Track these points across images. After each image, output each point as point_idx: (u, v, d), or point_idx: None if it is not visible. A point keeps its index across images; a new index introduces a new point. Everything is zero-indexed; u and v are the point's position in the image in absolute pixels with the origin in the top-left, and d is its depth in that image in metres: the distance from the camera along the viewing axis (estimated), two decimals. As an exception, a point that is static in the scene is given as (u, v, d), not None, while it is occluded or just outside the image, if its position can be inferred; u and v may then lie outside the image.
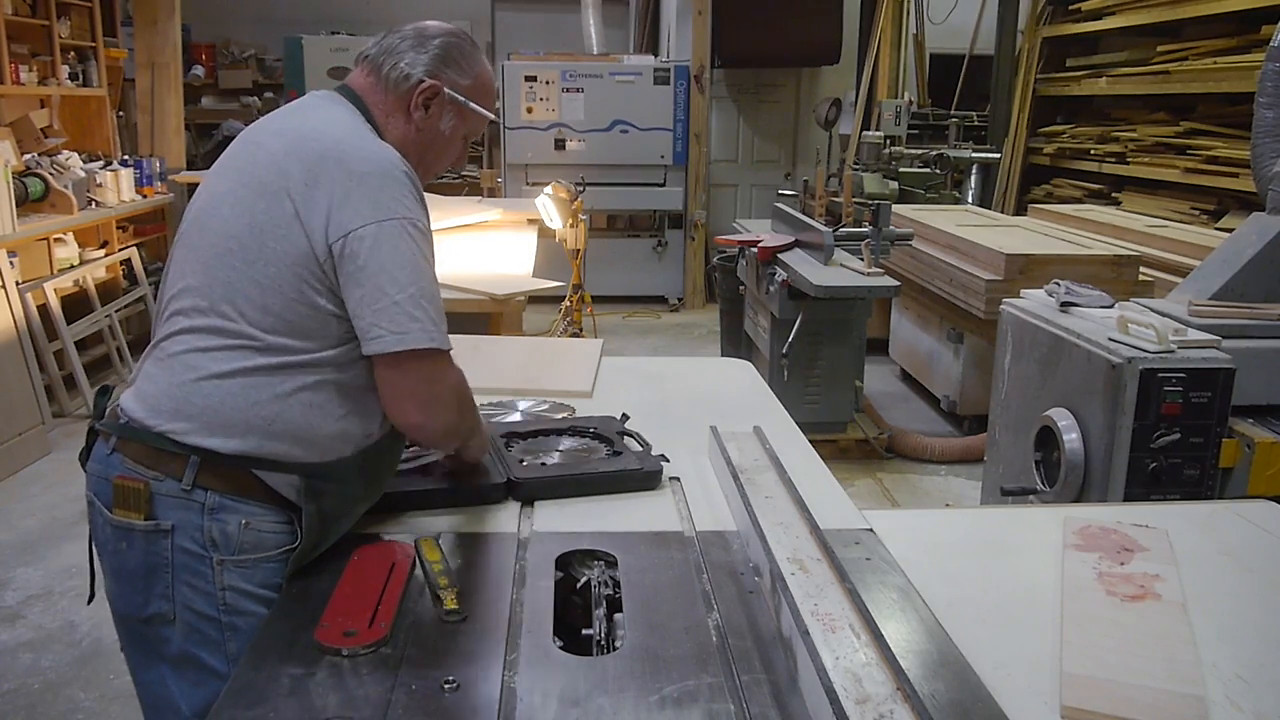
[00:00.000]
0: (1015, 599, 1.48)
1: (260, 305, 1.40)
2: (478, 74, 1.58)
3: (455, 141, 1.61)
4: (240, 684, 1.21)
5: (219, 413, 1.40)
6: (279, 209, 1.40)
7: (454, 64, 1.55)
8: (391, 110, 1.55)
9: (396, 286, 1.38)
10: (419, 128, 1.55)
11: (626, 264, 8.28)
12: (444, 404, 1.47)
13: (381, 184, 1.40)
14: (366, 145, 1.45)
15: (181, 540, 1.41)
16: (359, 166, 1.41)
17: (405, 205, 1.41)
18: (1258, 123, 3.07)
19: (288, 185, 1.40)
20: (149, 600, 1.43)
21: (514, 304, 4.44)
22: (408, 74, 1.53)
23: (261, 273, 1.40)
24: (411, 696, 1.17)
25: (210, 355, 1.41)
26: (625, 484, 1.81)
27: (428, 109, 1.54)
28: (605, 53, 8.89)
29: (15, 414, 4.55)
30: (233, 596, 1.43)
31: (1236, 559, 1.64)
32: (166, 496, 1.41)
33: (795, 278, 4.48)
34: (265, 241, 1.40)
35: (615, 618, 1.38)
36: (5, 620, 3.27)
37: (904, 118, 6.62)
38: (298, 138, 1.46)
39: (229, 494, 1.42)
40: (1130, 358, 2.50)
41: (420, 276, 1.40)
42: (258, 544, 1.43)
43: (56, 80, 6.20)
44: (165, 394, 1.43)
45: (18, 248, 5.08)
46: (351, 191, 1.39)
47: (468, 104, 1.56)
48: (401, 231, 1.39)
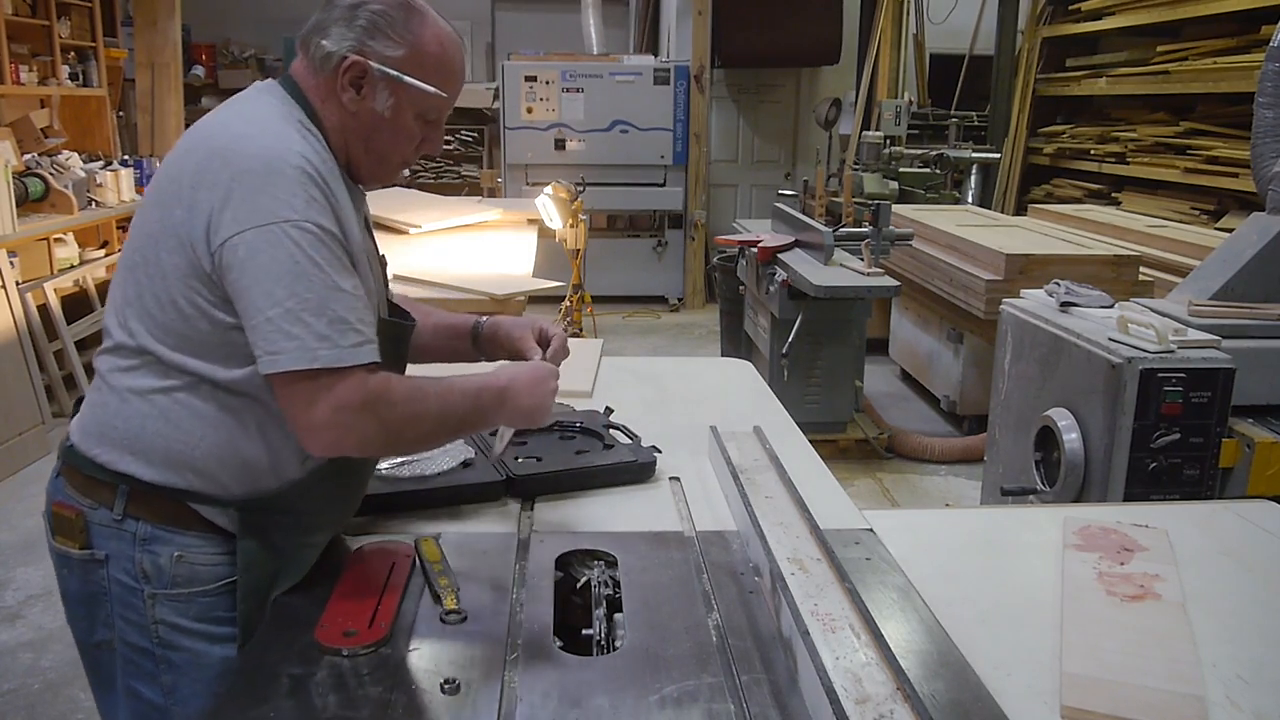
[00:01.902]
0: (1015, 599, 1.48)
1: (161, 323, 1.30)
2: (414, 42, 1.37)
3: (404, 124, 1.40)
4: (240, 684, 1.21)
5: (140, 438, 1.32)
6: (169, 217, 1.28)
7: (382, 34, 1.35)
8: (326, 93, 1.38)
9: (269, 301, 1.22)
10: (352, 111, 1.38)
11: (626, 264, 8.28)
12: (342, 426, 1.25)
13: (264, 183, 1.25)
14: (261, 139, 1.29)
15: (115, 571, 1.35)
16: (242, 164, 1.26)
17: (290, 206, 1.24)
18: (1258, 123, 3.08)
19: (178, 190, 1.28)
20: (93, 628, 1.40)
21: (514, 304, 4.43)
22: (330, 52, 1.35)
23: (160, 287, 1.29)
24: (411, 696, 1.17)
25: (128, 375, 1.34)
26: (622, 476, 1.82)
27: (359, 89, 1.36)
28: (605, 53, 8.89)
29: (15, 414, 4.55)
30: (166, 631, 1.36)
31: (1236, 559, 1.64)
32: (100, 526, 1.35)
33: (795, 278, 4.48)
34: (160, 253, 1.29)
35: (615, 618, 1.38)
36: (5, 620, 3.27)
37: (904, 118, 6.62)
38: (201, 136, 1.34)
39: (161, 524, 1.34)
40: (1130, 358, 2.50)
41: (301, 286, 1.23)
42: (192, 577, 1.35)
43: (57, 80, 6.20)
44: (92, 417, 1.37)
45: (18, 248, 5.08)
46: (231, 194, 1.24)
47: (402, 78, 1.36)
48: (280, 237, 1.23)
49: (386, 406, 1.28)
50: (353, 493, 1.50)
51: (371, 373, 1.27)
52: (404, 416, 1.31)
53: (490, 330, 1.70)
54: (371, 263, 1.44)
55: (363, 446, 1.30)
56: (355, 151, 1.41)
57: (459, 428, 1.44)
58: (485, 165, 9.80)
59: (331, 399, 1.24)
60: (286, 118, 1.34)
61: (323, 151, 1.35)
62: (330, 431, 1.25)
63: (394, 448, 1.40)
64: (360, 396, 1.25)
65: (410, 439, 1.36)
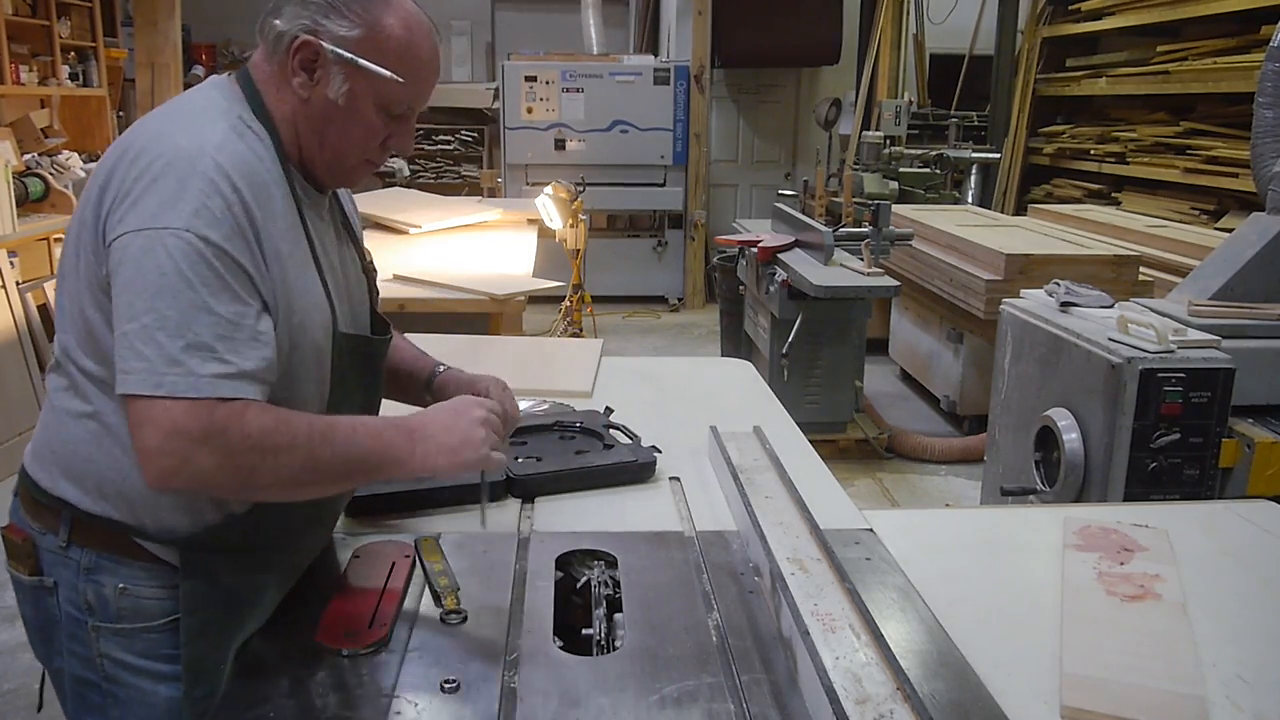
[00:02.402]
0: (1015, 599, 1.48)
1: (81, 332, 1.21)
2: (373, 23, 1.23)
3: (360, 113, 1.26)
4: (240, 684, 1.21)
5: (73, 463, 1.25)
6: (83, 218, 1.20)
7: (337, 13, 1.22)
8: (279, 82, 1.26)
9: (129, 313, 1.11)
10: (303, 98, 1.25)
11: (626, 264, 8.28)
12: (175, 455, 1.10)
13: (160, 185, 1.13)
14: (174, 138, 1.17)
15: (63, 600, 1.29)
16: (146, 163, 1.15)
17: (176, 212, 1.12)
18: (1258, 123, 3.08)
19: (93, 190, 1.19)
20: (50, 655, 1.35)
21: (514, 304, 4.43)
22: (281, 32, 1.23)
23: (76, 293, 1.21)
24: (411, 696, 1.17)
25: (64, 395, 1.26)
26: (622, 476, 1.82)
27: (311, 73, 1.24)
28: (605, 53, 8.89)
29: (15, 414, 4.55)
30: (110, 665, 1.28)
31: (1236, 559, 1.64)
32: (48, 552, 1.28)
33: (795, 278, 4.48)
34: (75, 258, 1.21)
35: (615, 618, 1.38)
36: (5, 620, 3.26)
37: (904, 118, 6.63)
38: (127, 134, 1.23)
39: (105, 553, 1.25)
40: (1130, 358, 2.50)
41: (163, 302, 1.10)
42: (137, 612, 1.27)
43: (57, 80, 6.20)
44: (38, 436, 1.31)
45: (18, 248, 5.08)
46: (131, 192, 1.14)
47: (356, 60, 1.23)
48: (154, 245, 1.10)
49: (234, 439, 1.11)
50: (313, 527, 1.38)
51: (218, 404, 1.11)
52: (257, 454, 1.13)
53: (443, 380, 1.57)
54: (330, 279, 1.32)
55: (201, 482, 1.13)
56: (308, 146, 1.28)
57: (347, 471, 1.22)
58: (485, 165, 9.80)
59: (165, 424, 1.09)
60: (219, 115, 1.22)
61: (263, 152, 1.23)
62: (162, 459, 1.10)
63: (247, 488, 1.16)
64: (200, 426, 1.09)
65: (267, 481, 1.15)
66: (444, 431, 1.26)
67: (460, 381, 1.55)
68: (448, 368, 1.59)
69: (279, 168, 1.25)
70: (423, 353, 1.63)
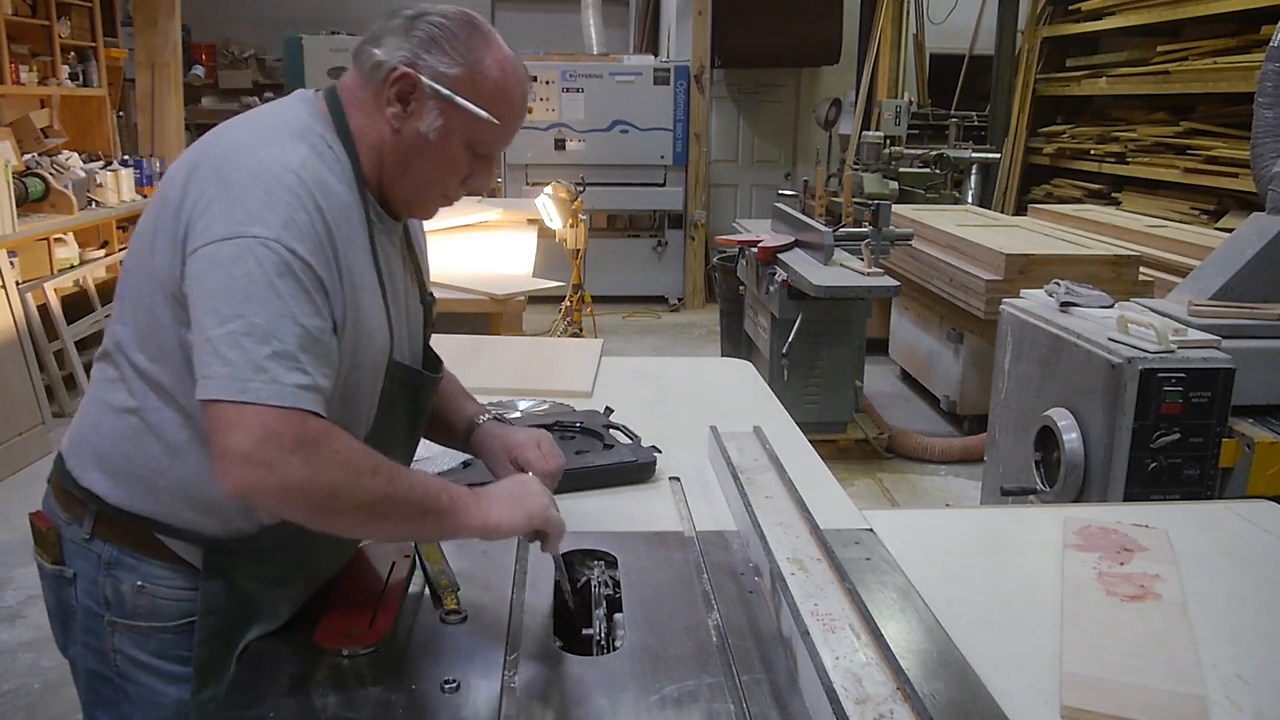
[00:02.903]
0: (1015, 599, 1.48)
1: (142, 328, 1.22)
2: (474, 63, 1.25)
3: (449, 150, 1.28)
4: (240, 684, 1.21)
5: (110, 457, 1.25)
6: (161, 218, 1.20)
7: (439, 49, 1.24)
8: (371, 109, 1.27)
9: (215, 319, 1.10)
10: (394, 128, 1.26)
11: (626, 264, 8.28)
12: (263, 464, 1.07)
13: (248, 193, 1.14)
14: (259, 150, 1.18)
15: (81, 592, 1.30)
16: (231, 173, 1.16)
17: (264, 222, 1.12)
18: (1257, 123, 3.08)
19: (172, 192, 1.20)
20: (67, 643, 1.36)
21: (514, 304, 4.44)
22: (380, 61, 1.24)
23: (144, 290, 1.21)
24: (411, 696, 1.18)
25: (109, 387, 1.27)
26: (622, 476, 1.82)
27: (405, 105, 1.25)
28: (605, 53, 8.89)
29: (15, 414, 4.55)
30: (123, 661, 1.29)
31: (1236, 559, 1.64)
32: (72, 542, 1.30)
33: (795, 278, 4.48)
34: (149, 255, 1.20)
35: (615, 618, 1.38)
36: (5, 620, 3.27)
37: (904, 118, 6.62)
38: (209, 139, 1.25)
39: (127, 549, 1.26)
40: (1130, 358, 2.50)
41: (250, 308, 1.10)
42: (152, 611, 1.27)
43: (56, 80, 6.20)
44: (77, 425, 1.31)
45: (18, 248, 5.08)
46: (214, 201, 1.14)
47: (454, 98, 1.24)
48: (243, 252, 1.11)
49: (325, 453, 1.10)
50: (334, 547, 1.34)
51: (309, 416, 1.10)
52: (344, 472, 1.11)
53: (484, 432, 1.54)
54: (394, 306, 1.32)
55: (283, 495, 1.09)
56: (391, 175, 1.29)
57: (421, 511, 1.19)
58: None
59: (258, 429, 1.07)
60: (302, 131, 1.23)
61: (341, 174, 1.24)
62: (248, 467, 1.07)
63: (323, 510, 1.12)
64: (294, 434, 1.08)
65: (348, 504, 1.13)
66: (503, 489, 1.29)
67: (501, 435, 1.52)
68: (490, 417, 1.56)
69: (355, 191, 1.25)
70: (468, 395, 1.61)
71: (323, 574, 1.36)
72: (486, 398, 2.24)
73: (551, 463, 1.46)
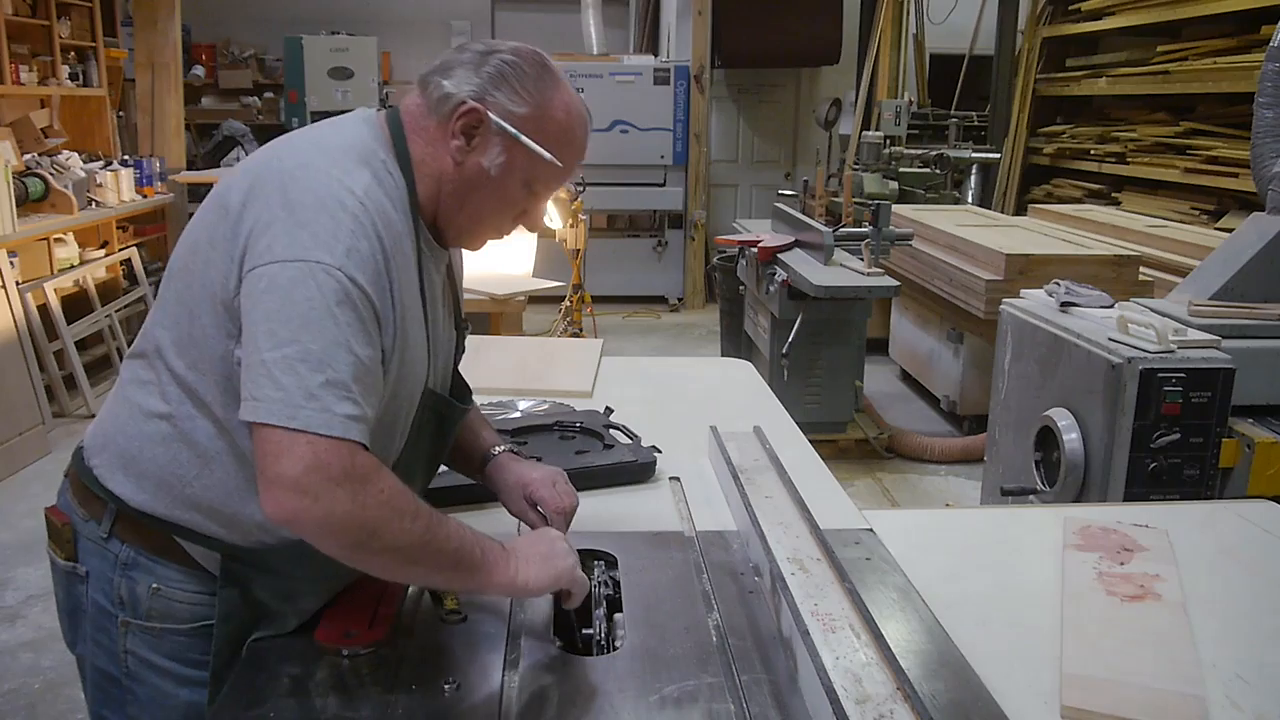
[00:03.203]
0: (1015, 599, 1.49)
1: (185, 334, 1.21)
2: (542, 103, 1.26)
3: (508, 187, 1.28)
4: (240, 684, 1.21)
5: (137, 460, 1.25)
6: (217, 229, 1.19)
7: (509, 87, 1.24)
8: (434, 138, 1.26)
9: (271, 342, 1.09)
10: (457, 161, 1.25)
11: (626, 264, 8.28)
12: (310, 493, 1.07)
13: (312, 218, 1.13)
14: (324, 173, 1.18)
15: (94, 591, 1.29)
16: (296, 194, 1.15)
17: (329, 248, 1.12)
18: (1258, 123, 3.08)
19: (231, 204, 1.19)
20: (75, 640, 1.36)
21: (514, 304, 4.44)
22: (450, 93, 1.24)
23: (190, 297, 1.20)
24: (411, 696, 1.18)
25: (141, 390, 1.26)
26: (621, 477, 1.83)
27: (470, 139, 1.25)
28: (605, 53, 8.89)
29: (15, 414, 4.55)
30: (134, 663, 1.29)
31: (1236, 559, 1.64)
32: (88, 540, 1.29)
33: (795, 278, 4.48)
34: (200, 263, 1.20)
35: (615, 618, 1.38)
36: (5, 620, 3.27)
37: (904, 118, 6.62)
38: (272, 153, 1.24)
39: (144, 551, 1.26)
40: (1130, 358, 2.50)
41: (308, 334, 1.09)
42: (166, 613, 1.27)
43: (56, 80, 6.20)
44: (102, 424, 1.31)
45: (18, 248, 5.08)
46: (275, 221, 1.14)
47: (519, 137, 1.24)
48: (305, 277, 1.10)
49: (370, 490, 1.10)
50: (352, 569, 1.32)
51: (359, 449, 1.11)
52: (385, 511, 1.11)
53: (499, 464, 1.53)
54: (434, 334, 1.33)
55: (323, 526, 1.09)
56: (448, 207, 1.28)
57: (455, 561, 1.19)
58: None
59: (308, 457, 1.07)
60: (366, 155, 1.22)
61: (399, 201, 1.23)
62: (294, 495, 1.07)
63: (360, 547, 1.12)
64: (342, 467, 1.08)
65: (385, 544, 1.12)
66: (531, 546, 1.28)
67: (517, 470, 1.51)
68: (506, 448, 1.55)
69: (410, 218, 1.25)
70: (487, 424, 1.61)
71: (332, 590, 1.35)
72: (486, 398, 2.24)
73: (566, 501, 1.46)
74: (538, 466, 1.52)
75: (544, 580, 1.25)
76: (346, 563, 1.14)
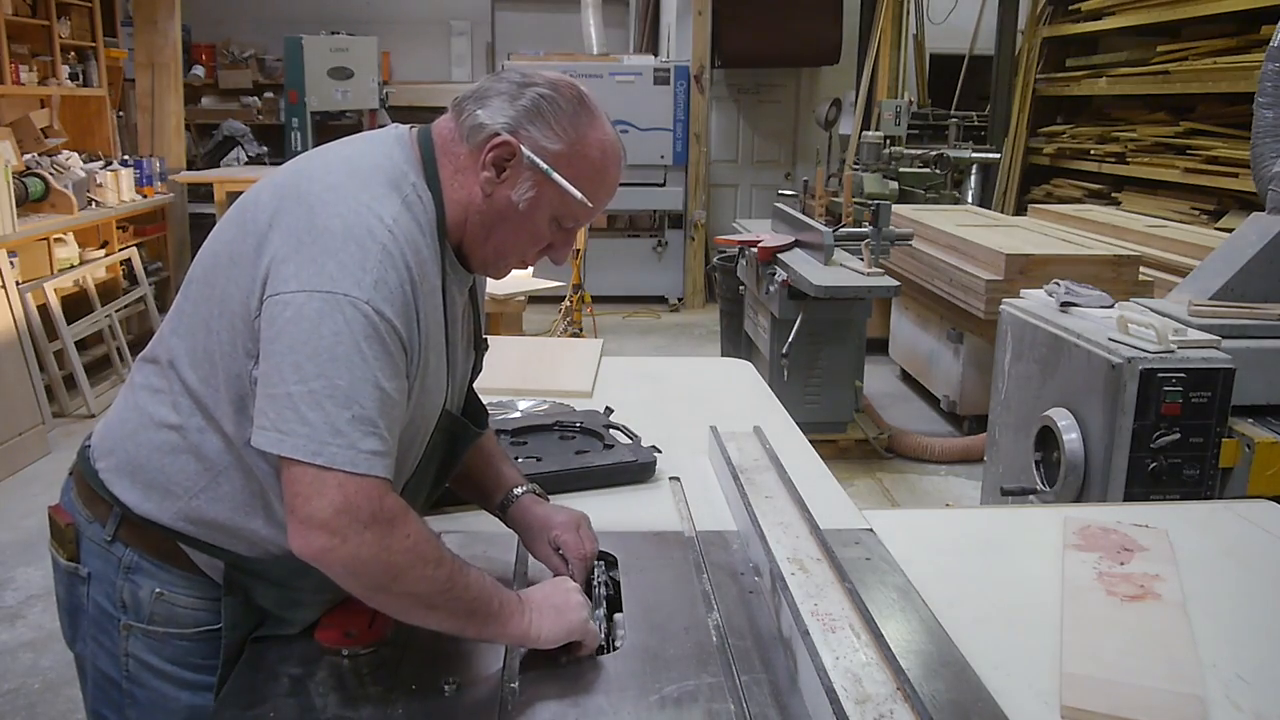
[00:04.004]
0: (1015, 599, 1.48)
1: (199, 347, 1.21)
2: (576, 141, 1.24)
3: (535, 221, 1.26)
4: (240, 684, 1.21)
5: (144, 468, 1.24)
6: (240, 244, 1.18)
7: (544, 122, 1.23)
8: (464, 166, 1.25)
9: (297, 375, 1.09)
10: (486, 193, 1.24)
11: (626, 264, 8.28)
12: (339, 533, 1.09)
13: (340, 246, 1.12)
14: (354, 199, 1.16)
15: (95, 592, 1.29)
16: (325, 219, 1.14)
17: (357, 280, 1.11)
18: (1258, 123, 3.07)
19: (257, 221, 1.18)
20: (75, 639, 1.35)
21: (514, 304, 4.44)
22: (483, 124, 1.23)
23: (208, 311, 1.20)
24: (411, 696, 1.18)
25: (152, 398, 1.25)
26: (621, 477, 1.83)
27: (500, 171, 1.23)
28: (605, 53, 8.89)
29: (15, 414, 4.55)
30: (135, 666, 1.28)
31: (1236, 559, 1.64)
32: (91, 542, 1.29)
33: (795, 278, 4.48)
34: (220, 276, 1.19)
35: (615, 618, 1.38)
36: (5, 620, 3.27)
37: (904, 118, 6.62)
38: (300, 172, 1.23)
39: (149, 555, 1.26)
40: (1130, 358, 2.50)
41: (335, 370, 1.09)
42: (170, 618, 1.27)
43: (56, 80, 6.20)
44: (111, 427, 1.30)
45: (18, 248, 5.08)
46: (303, 247, 1.13)
47: (550, 173, 1.23)
48: (333, 310, 1.10)
49: (397, 535, 1.11)
50: None
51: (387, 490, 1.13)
52: (408, 557, 1.13)
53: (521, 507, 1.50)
54: (453, 356, 1.32)
55: (349, 566, 1.10)
56: (474, 236, 1.27)
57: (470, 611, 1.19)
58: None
59: (339, 500, 1.08)
60: (396, 179, 1.21)
61: (426, 225, 1.21)
62: (323, 535, 1.09)
63: (381, 590, 1.14)
64: (370, 510, 1.10)
65: (405, 589, 1.14)
66: (546, 599, 1.28)
67: (542, 515, 1.49)
68: (528, 490, 1.52)
69: (437, 242, 1.24)
70: (505, 458, 1.59)
71: (334, 600, 1.35)
72: (487, 398, 2.23)
73: (588, 547, 1.45)
74: (561, 509, 1.50)
75: (557, 633, 1.25)
76: (368, 602, 1.15)
